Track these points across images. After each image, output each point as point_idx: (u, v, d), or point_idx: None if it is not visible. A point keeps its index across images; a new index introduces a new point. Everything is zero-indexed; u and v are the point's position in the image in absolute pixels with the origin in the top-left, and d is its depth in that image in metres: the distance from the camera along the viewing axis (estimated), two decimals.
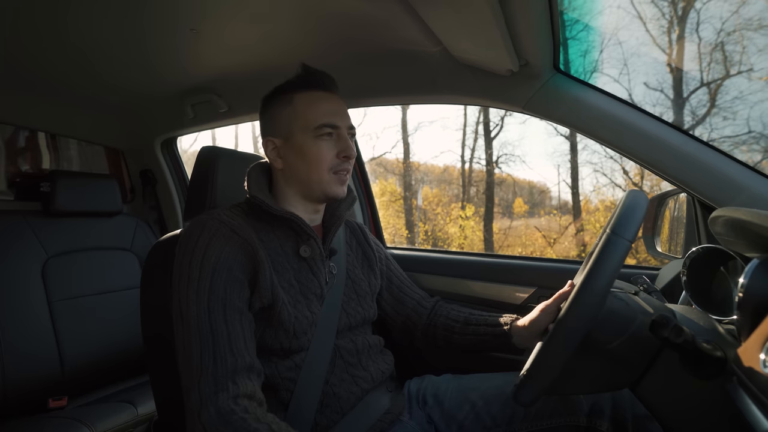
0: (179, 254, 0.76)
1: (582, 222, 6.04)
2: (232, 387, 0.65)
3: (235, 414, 0.62)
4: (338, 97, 0.86)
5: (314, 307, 0.82)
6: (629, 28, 5.47)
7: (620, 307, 0.63)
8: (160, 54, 1.16)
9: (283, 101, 0.84)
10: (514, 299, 1.15)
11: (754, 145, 4.48)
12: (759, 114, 4.68)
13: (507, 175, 7.15)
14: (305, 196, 0.85)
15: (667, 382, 0.60)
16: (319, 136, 0.81)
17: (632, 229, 0.56)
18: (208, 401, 0.64)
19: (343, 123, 0.83)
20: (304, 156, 0.81)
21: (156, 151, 1.81)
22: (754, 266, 0.55)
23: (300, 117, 0.82)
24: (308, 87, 0.84)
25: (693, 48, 4.85)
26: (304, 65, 0.85)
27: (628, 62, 5.36)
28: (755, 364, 0.44)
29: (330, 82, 0.86)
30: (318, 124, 0.81)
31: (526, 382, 0.61)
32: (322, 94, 0.84)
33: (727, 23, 4.61)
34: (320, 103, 0.82)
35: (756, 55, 4.54)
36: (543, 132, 7.38)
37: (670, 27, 4.95)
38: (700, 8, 4.80)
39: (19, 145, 1.68)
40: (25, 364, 1.31)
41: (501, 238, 6.89)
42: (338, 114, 0.83)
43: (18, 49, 1.12)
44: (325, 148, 0.81)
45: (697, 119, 4.76)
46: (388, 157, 7.92)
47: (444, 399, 0.90)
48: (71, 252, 1.51)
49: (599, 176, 6.79)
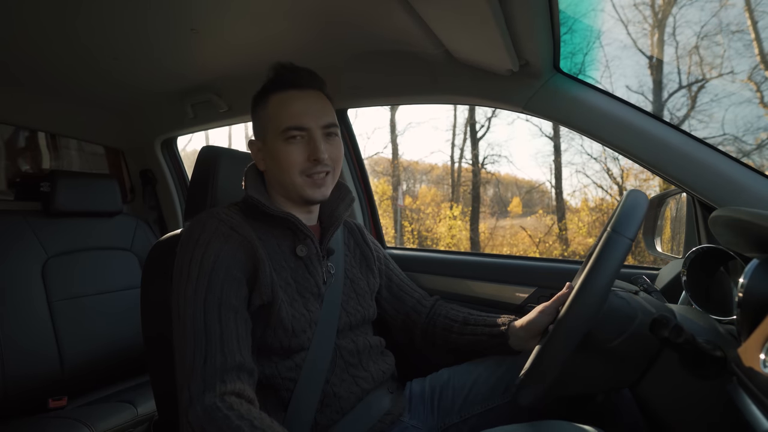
0: (180, 253, 0.76)
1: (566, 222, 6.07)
2: (219, 386, 0.64)
3: (220, 411, 0.62)
4: (316, 93, 0.83)
5: (312, 305, 0.82)
6: (612, 31, 5.52)
7: (621, 305, 0.63)
8: (161, 54, 1.17)
9: (262, 103, 0.84)
10: (514, 299, 1.15)
11: (729, 146, 4.53)
12: (733, 117, 4.76)
13: (496, 173, 7.18)
14: (287, 198, 0.85)
15: (667, 382, 0.60)
16: (287, 139, 0.79)
17: (633, 228, 0.56)
18: (195, 400, 0.64)
19: (315, 123, 0.80)
20: (277, 160, 0.80)
21: (156, 151, 1.81)
22: (754, 266, 0.55)
23: (271, 120, 0.81)
24: (280, 87, 0.82)
25: (671, 51, 4.90)
26: (276, 64, 0.83)
27: (609, 64, 5.39)
28: (755, 364, 0.44)
29: (307, 79, 0.82)
30: (285, 127, 0.79)
31: (527, 382, 0.61)
32: (296, 93, 0.81)
33: (706, 27, 4.67)
34: (290, 104, 0.80)
35: (735, 59, 4.60)
36: (527, 133, 7.41)
37: (652, 30, 5.00)
38: (676, 13, 4.85)
39: (19, 145, 1.68)
40: (25, 364, 1.31)
41: (487, 239, 6.91)
42: (308, 114, 0.80)
43: (18, 50, 1.12)
44: (294, 152, 0.79)
45: (677, 122, 4.80)
46: (384, 155, 7.96)
47: (445, 391, 0.90)
48: (71, 252, 1.51)
49: (581, 176, 6.85)
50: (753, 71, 4.53)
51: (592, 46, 5.36)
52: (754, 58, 4.54)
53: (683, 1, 4.99)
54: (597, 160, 5.88)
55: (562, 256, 5.93)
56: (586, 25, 4.84)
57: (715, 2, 4.68)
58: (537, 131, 6.37)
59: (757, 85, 4.53)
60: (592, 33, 5.21)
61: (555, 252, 6.07)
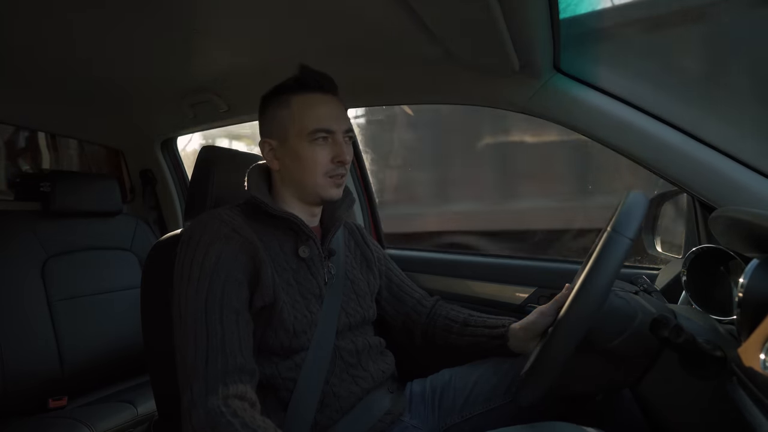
0: (180, 254, 0.76)
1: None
2: (222, 388, 0.64)
3: (224, 417, 0.62)
4: (336, 99, 0.85)
5: (313, 307, 0.82)
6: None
7: (621, 305, 0.63)
8: (161, 54, 1.16)
9: (280, 103, 0.84)
10: (514, 299, 1.15)
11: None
12: None
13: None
14: (301, 198, 0.85)
15: (667, 382, 0.60)
16: (313, 140, 0.80)
17: (633, 227, 0.56)
18: (198, 403, 0.63)
19: (339, 127, 0.82)
20: (299, 160, 0.81)
21: (156, 151, 1.81)
22: (754, 266, 0.55)
23: (296, 120, 0.81)
24: (305, 89, 0.83)
25: None
26: (302, 66, 0.84)
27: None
28: (755, 364, 0.44)
29: (328, 84, 0.85)
30: (313, 128, 0.80)
31: (527, 381, 0.60)
32: (320, 96, 0.83)
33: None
34: (316, 107, 0.82)
35: None
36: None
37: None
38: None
39: (19, 145, 1.68)
40: (25, 364, 1.31)
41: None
42: (334, 118, 0.82)
43: (18, 50, 1.12)
44: (319, 153, 0.81)
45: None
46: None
47: (446, 391, 0.90)
48: (71, 252, 1.51)
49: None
50: None
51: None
52: None
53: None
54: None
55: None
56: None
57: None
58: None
59: None
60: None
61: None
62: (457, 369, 0.94)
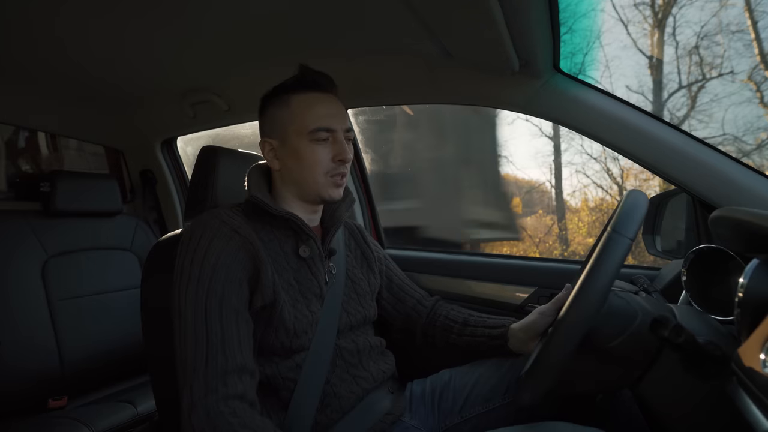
0: (180, 254, 0.76)
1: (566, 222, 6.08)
2: (221, 388, 0.64)
3: (223, 417, 0.62)
4: (336, 98, 0.85)
5: (314, 306, 0.82)
6: (612, 31, 5.51)
7: (621, 305, 0.63)
8: (161, 54, 1.16)
9: (280, 102, 0.84)
10: (514, 299, 1.15)
11: (729, 146, 4.55)
12: (733, 117, 4.78)
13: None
14: (301, 197, 0.85)
15: (667, 382, 0.60)
16: (314, 139, 0.80)
17: (633, 227, 0.56)
18: (198, 403, 0.64)
19: (340, 126, 0.82)
20: (300, 159, 0.81)
21: (156, 151, 1.80)
22: (754, 266, 0.55)
23: (296, 120, 0.81)
24: (305, 88, 0.83)
25: (671, 51, 4.94)
26: (301, 66, 0.84)
27: (609, 64, 5.40)
28: (755, 364, 0.44)
29: (328, 83, 0.85)
30: (313, 127, 0.80)
31: (527, 382, 0.60)
32: (319, 95, 0.83)
33: (706, 27, 4.71)
34: (316, 106, 0.82)
35: (735, 59, 4.64)
36: (527, 133, 7.43)
37: (651, 30, 5.01)
38: (676, 13, 4.89)
39: (19, 145, 1.68)
40: (25, 364, 1.31)
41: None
42: (334, 117, 0.82)
43: (18, 49, 1.12)
44: (320, 152, 0.81)
45: (677, 122, 4.82)
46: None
47: (446, 392, 0.90)
48: (71, 252, 1.51)
49: (581, 176, 6.84)
50: (753, 71, 4.54)
51: (592, 46, 5.36)
52: (754, 58, 4.55)
53: (683, 1, 5.00)
54: (597, 160, 5.88)
55: (562, 255, 5.94)
56: (586, 25, 4.85)
57: (715, 2, 4.70)
58: (537, 131, 6.37)
59: (757, 85, 4.54)
60: (592, 33, 5.21)
61: (555, 252, 6.08)
62: (456, 369, 0.94)
